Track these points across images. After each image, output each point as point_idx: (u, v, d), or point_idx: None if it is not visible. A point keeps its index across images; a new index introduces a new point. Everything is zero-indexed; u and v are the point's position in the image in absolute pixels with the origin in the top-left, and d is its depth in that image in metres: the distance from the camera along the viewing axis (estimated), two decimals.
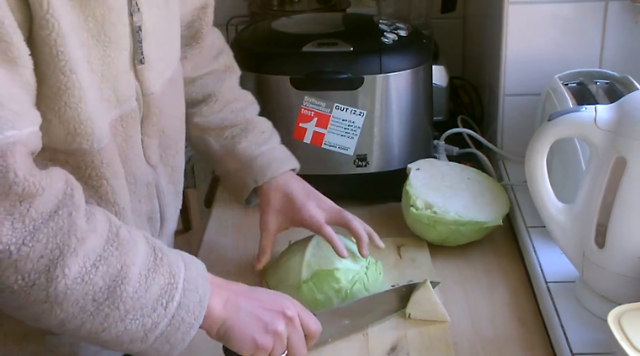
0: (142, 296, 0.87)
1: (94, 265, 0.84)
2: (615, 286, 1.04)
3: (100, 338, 0.88)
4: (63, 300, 0.82)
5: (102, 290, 0.84)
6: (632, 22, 1.40)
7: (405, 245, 1.32)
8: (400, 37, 1.43)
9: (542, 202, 1.10)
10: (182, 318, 0.90)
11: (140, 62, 0.96)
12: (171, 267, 0.90)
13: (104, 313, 0.85)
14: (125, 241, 0.88)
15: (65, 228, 0.82)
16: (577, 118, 1.04)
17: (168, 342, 0.90)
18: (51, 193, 0.82)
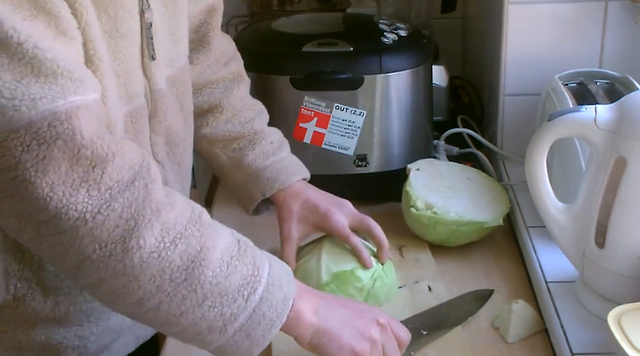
0: (221, 282, 0.85)
1: (172, 242, 0.83)
2: (615, 286, 1.04)
3: (180, 325, 0.86)
4: (140, 273, 0.81)
5: (180, 269, 0.83)
6: (632, 22, 1.40)
7: (406, 245, 1.32)
8: (400, 37, 1.43)
9: (542, 202, 1.10)
10: (264, 314, 0.87)
11: (152, 58, 0.96)
12: (255, 259, 0.89)
13: (181, 295, 0.83)
14: (208, 224, 0.87)
15: (140, 198, 0.82)
16: (577, 118, 1.04)
17: (248, 338, 0.88)
18: (124, 162, 0.82)
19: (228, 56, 1.27)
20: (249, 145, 1.23)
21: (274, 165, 1.22)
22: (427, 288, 1.20)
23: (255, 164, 1.22)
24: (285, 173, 1.21)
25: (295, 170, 1.23)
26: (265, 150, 1.23)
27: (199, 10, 1.21)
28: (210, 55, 1.24)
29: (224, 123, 1.24)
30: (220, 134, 1.23)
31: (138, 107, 0.97)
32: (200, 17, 1.21)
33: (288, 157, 1.25)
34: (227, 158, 1.24)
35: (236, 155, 1.23)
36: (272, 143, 1.24)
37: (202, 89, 1.23)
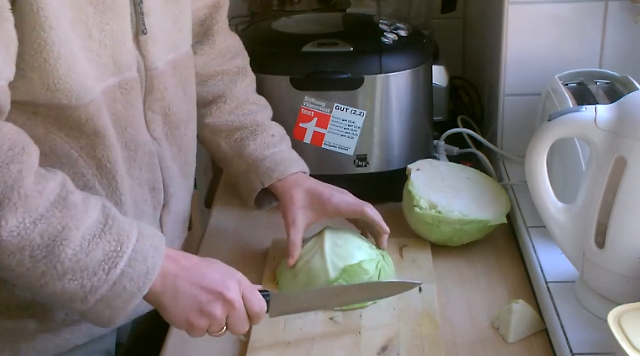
0: (81, 259, 0.89)
1: (33, 223, 0.87)
2: (615, 286, 1.04)
3: (40, 293, 0.92)
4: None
5: (40, 247, 0.88)
6: (632, 22, 1.40)
7: (408, 245, 1.32)
8: (400, 37, 1.43)
9: (542, 201, 1.10)
10: (125, 287, 0.92)
11: (142, 32, 1.01)
12: (120, 235, 0.93)
13: (40, 270, 0.88)
14: (73, 205, 0.90)
15: (10, 182, 0.86)
16: (577, 118, 1.04)
17: (109, 307, 0.93)
18: (3, 143, 0.86)
19: (234, 52, 1.31)
20: (250, 135, 1.26)
21: (273, 155, 1.24)
22: (418, 289, 1.20)
23: (256, 154, 1.25)
24: (284, 164, 1.24)
25: (294, 163, 1.26)
26: (266, 141, 1.26)
27: (204, 4, 1.25)
28: (215, 48, 1.28)
29: (227, 114, 1.27)
30: (223, 124, 1.27)
31: (129, 79, 1.02)
32: (206, 11, 1.26)
33: (288, 150, 1.28)
34: (229, 148, 1.27)
35: (238, 145, 1.26)
36: (274, 136, 1.27)
37: (206, 81, 1.27)
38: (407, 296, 1.18)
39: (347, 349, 1.08)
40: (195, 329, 0.99)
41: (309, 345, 1.09)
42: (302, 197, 1.22)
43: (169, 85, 1.10)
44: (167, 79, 1.10)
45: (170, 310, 0.98)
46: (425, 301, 1.17)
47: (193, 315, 0.98)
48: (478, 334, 1.12)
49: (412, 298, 1.18)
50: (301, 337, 1.11)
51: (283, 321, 1.13)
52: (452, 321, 1.14)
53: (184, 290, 0.97)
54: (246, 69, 1.32)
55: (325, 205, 1.22)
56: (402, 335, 1.10)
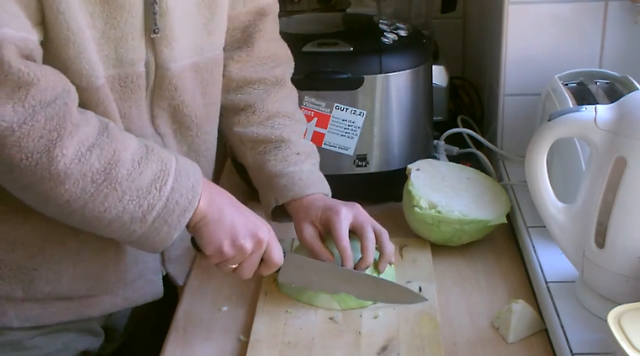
0: (136, 178, 0.97)
1: (88, 150, 0.94)
2: (615, 286, 1.04)
3: (104, 219, 0.98)
4: (65, 178, 0.93)
5: (99, 171, 0.95)
6: (632, 22, 1.40)
7: (408, 245, 1.32)
8: (400, 37, 1.43)
9: (542, 201, 1.10)
10: (177, 201, 1.00)
11: (153, 32, 1.03)
12: (162, 157, 1.01)
13: (103, 193, 0.96)
14: (116, 133, 0.98)
15: (61, 113, 0.93)
16: (577, 118, 1.04)
17: (166, 223, 1.00)
18: (48, 85, 0.92)
19: (276, 61, 1.28)
20: (273, 150, 1.25)
21: (292, 174, 1.22)
22: (418, 289, 1.20)
23: (275, 170, 1.23)
24: (300, 185, 1.21)
25: (312, 184, 1.22)
26: (288, 158, 1.24)
27: (247, 11, 1.24)
28: (253, 55, 1.26)
29: (254, 125, 1.26)
30: (249, 135, 1.26)
31: (131, 74, 1.04)
32: (249, 17, 1.24)
33: (309, 171, 1.24)
34: (252, 159, 1.27)
35: (260, 158, 1.25)
36: (299, 154, 1.24)
37: (242, 87, 1.26)
38: None
39: (347, 349, 1.08)
40: (222, 255, 1.05)
41: (309, 345, 1.09)
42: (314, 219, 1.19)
43: (185, 87, 1.11)
44: (184, 80, 1.10)
45: (209, 232, 1.04)
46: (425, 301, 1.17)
47: (227, 242, 1.05)
48: (478, 334, 1.12)
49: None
50: (301, 337, 1.11)
51: (283, 321, 1.14)
52: (452, 321, 1.14)
53: (228, 218, 1.05)
54: (284, 80, 1.29)
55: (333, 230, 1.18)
56: (402, 335, 1.10)
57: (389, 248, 1.19)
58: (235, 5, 1.20)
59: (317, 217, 1.19)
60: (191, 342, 1.13)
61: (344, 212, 1.17)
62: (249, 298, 1.21)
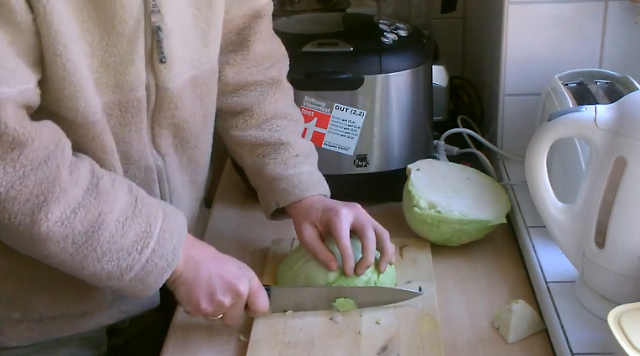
0: (117, 241, 0.97)
1: (73, 212, 0.94)
2: (615, 286, 1.04)
3: (81, 275, 0.99)
4: (45, 239, 0.94)
5: (81, 233, 0.95)
6: (632, 22, 1.40)
7: (408, 245, 1.32)
8: (400, 37, 1.43)
9: (542, 201, 1.10)
10: (156, 264, 1.00)
11: (160, 61, 1.02)
12: (149, 216, 1.00)
13: (82, 254, 0.96)
14: (105, 191, 0.97)
15: (51, 178, 0.92)
16: (577, 118, 1.04)
17: (142, 283, 1.01)
18: (41, 144, 0.92)
19: (271, 61, 1.27)
20: (272, 153, 1.24)
21: (291, 177, 1.22)
22: (418, 288, 1.20)
23: (274, 173, 1.23)
24: (300, 187, 1.21)
25: (312, 186, 1.22)
26: (287, 161, 1.23)
27: (243, 14, 1.22)
28: (248, 58, 1.25)
29: (253, 128, 1.25)
30: (247, 138, 1.25)
31: (131, 99, 1.03)
32: (245, 20, 1.23)
33: (308, 172, 1.24)
34: (251, 162, 1.26)
35: (259, 161, 1.25)
36: (297, 156, 1.24)
37: (238, 90, 1.25)
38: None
39: (347, 349, 1.08)
40: (200, 312, 1.07)
41: (309, 345, 1.09)
42: (314, 220, 1.19)
43: (184, 102, 1.10)
44: (183, 96, 1.09)
45: (186, 290, 1.05)
46: (425, 301, 1.17)
47: (204, 299, 1.05)
48: (478, 334, 1.12)
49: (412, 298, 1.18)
50: (301, 337, 1.11)
51: (283, 321, 1.14)
52: (452, 321, 1.14)
53: (204, 276, 1.05)
54: (281, 80, 1.28)
55: (327, 217, 1.18)
56: (402, 335, 1.10)
57: (389, 248, 1.18)
58: (230, 10, 1.18)
59: (317, 218, 1.18)
60: (191, 342, 1.13)
61: (344, 212, 1.17)
62: None
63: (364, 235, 1.17)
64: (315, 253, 1.18)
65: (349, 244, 1.16)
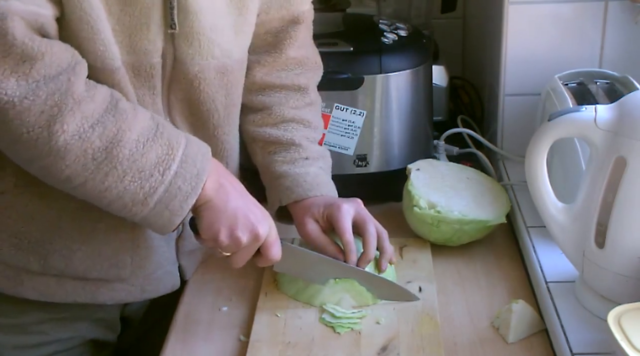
0: (138, 159, 0.97)
1: (91, 127, 0.95)
2: (615, 286, 1.04)
3: (106, 198, 0.99)
4: (65, 154, 0.94)
5: (100, 149, 0.95)
6: (632, 22, 1.40)
7: (408, 245, 1.32)
8: (400, 37, 1.43)
9: (542, 201, 1.10)
10: (179, 187, 1.00)
11: (170, 27, 1.03)
12: (170, 140, 1.00)
13: (103, 172, 0.96)
14: (123, 110, 0.98)
15: (63, 89, 0.93)
16: (577, 118, 1.04)
17: (167, 208, 1.00)
18: (53, 61, 0.93)
19: (303, 68, 1.28)
20: (282, 152, 1.25)
21: (296, 176, 1.22)
22: (418, 289, 1.20)
23: (280, 171, 1.24)
24: (304, 187, 1.21)
25: (315, 187, 1.22)
26: (295, 161, 1.24)
27: (280, 17, 1.23)
28: (280, 61, 1.26)
29: (269, 127, 1.26)
30: (261, 135, 1.26)
31: (144, 64, 1.05)
32: (283, 24, 1.24)
33: (314, 173, 1.24)
34: (262, 159, 1.27)
35: (269, 158, 1.26)
36: (307, 159, 1.25)
37: (263, 90, 1.26)
38: None
39: (347, 349, 1.08)
40: (217, 243, 1.06)
41: (309, 345, 1.09)
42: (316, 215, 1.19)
43: (206, 85, 1.11)
44: (204, 79, 1.10)
45: (210, 217, 1.04)
46: (425, 301, 1.17)
47: (224, 231, 1.05)
48: (478, 334, 1.12)
49: None
50: (301, 337, 1.11)
51: (283, 321, 1.14)
52: (452, 321, 1.14)
53: (231, 208, 1.04)
54: (307, 89, 1.29)
55: (329, 212, 1.18)
56: (402, 335, 1.10)
57: (388, 247, 1.19)
58: (269, 10, 1.21)
59: (319, 213, 1.19)
60: (191, 342, 1.13)
61: (346, 207, 1.18)
62: (249, 298, 1.21)
63: (366, 230, 1.17)
64: (319, 247, 1.18)
65: (352, 238, 1.16)
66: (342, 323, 1.13)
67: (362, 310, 1.15)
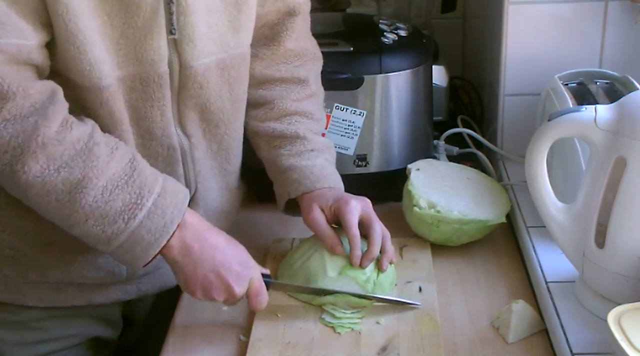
0: (101, 206, 0.98)
1: (56, 170, 0.96)
2: (615, 286, 1.04)
3: (72, 232, 1.01)
4: (28, 191, 0.97)
5: (64, 192, 0.97)
6: (632, 22, 1.40)
7: (408, 245, 1.32)
8: (400, 37, 1.43)
9: (542, 202, 1.10)
10: (142, 237, 1.00)
11: (170, 32, 1.03)
12: (142, 189, 1.01)
13: (65, 213, 0.98)
14: (96, 157, 0.98)
15: (28, 131, 0.94)
16: (577, 118, 1.04)
17: (129, 252, 1.01)
18: (26, 101, 0.94)
19: (301, 60, 1.28)
20: (287, 145, 1.25)
21: (303, 168, 1.22)
22: (418, 289, 1.20)
23: (287, 164, 1.24)
24: (311, 179, 1.21)
25: (323, 179, 1.22)
26: (301, 154, 1.24)
27: (277, 9, 1.24)
28: (278, 54, 1.26)
29: (272, 121, 1.26)
30: (266, 129, 1.26)
31: (152, 74, 1.04)
32: (279, 16, 1.25)
33: (321, 165, 1.24)
34: (267, 153, 1.27)
35: (275, 152, 1.26)
36: (312, 151, 1.25)
37: (263, 84, 1.26)
38: (407, 297, 1.18)
39: (347, 349, 1.08)
40: (195, 298, 1.08)
41: (309, 345, 1.09)
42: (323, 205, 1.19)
43: (211, 84, 1.11)
44: (209, 78, 1.11)
45: (182, 278, 1.06)
46: (425, 301, 1.17)
47: (199, 293, 1.06)
48: (478, 334, 1.12)
49: (412, 298, 1.18)
50: (301, 337, 1.11)
51: (283, 321, 1.14)
52: (452, 321, 1.14)
53: (200, 274, 1.05)
54: (307, 80, 1.28)
55: (336, 205, 1.19)
56: (402, 335, 1.10)
57: (390, 248, 1.19)
58: (265, 3, 1.21)
59: (326, 205, 1.19)
60: (191, 342, 1.13)
61: (353, 203, 1.18)
62: None
63: (372, 227, 1.17)
64: (320, 234, 1.18)
65: (357, 233, 1.16)
66: (342, 323, 1.13)
67: (362, 310, 1.15)
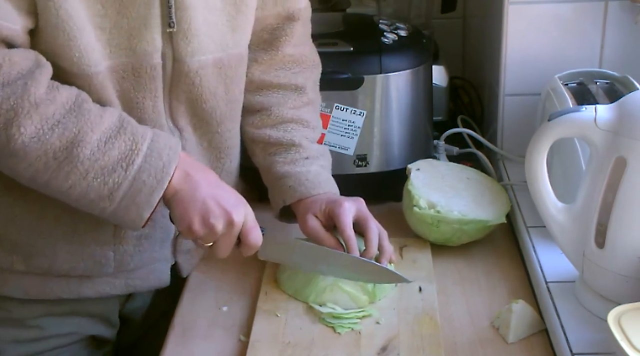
0: (99, 158, 0.99)
1: (51, 128, 0.97)
2: (615, 286, 1.04)
3: (72, 195, 1.00)
4: (25, 155, 0.97)
5: (61, 149, 0.97)
6: (632, 22, 1.40)
7: (408, 245, 1.32)
8: (400, 37, 1.43)
9: (542, 202, 1.10)
10: (144, 181, 1.00)
11: (168, 26, 1.04)
12: (135, 135, 1.01)
13: (65, 171, 0.98)
14: (87, 111, 0.99)
15: (19, 93, 0.95)
16: (577, 118, 1.04)
17: (134, 203, 1.01)
18: (13, 69, 0.96)
19: (300, 67, 1.29)
20: (283, 153, 1.25)
21: (298, 175, 1.23)
22: (418, 289, 1.20)
23: (282, 171, 1.24)
24: (306, 186, 1.22)
25: (318, 185, 1.22)
26: (295, 161, 1.24)
27: (276, 13, 1.24)
28: (276, 59, 1.26)
29: (268, 128, 1.26)
30: (262, 136, 1.26)
31: (145, 65, 1.05)
32: (278, 20, 1.25)
33: (316, 172, 1.24)
34: (262, 160, 1.27)
35: (270, 159, 1.26)
36: (307, 158, 1.25)
37: (261, 89, 1.27)
38: (407, 296, 1.18)
39: (347, 349, 1.08)
40: (192, 233, 1.06)
41: (309, 345, 1.09)
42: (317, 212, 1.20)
43: (206, 82, 1.12)
44: (204, 76, 1.11)
45: (181, 208, 1.05)
46: (425, 301, 1.17)
47: (197, 220, 1.05)
48: (478, 334, 1.12)
49: (412, 298, 1.18)
50: (301, 337, 1.11)
51: (283, 321, 1.14)
52: (452, 321, 1.14)
53: (200, 197, 1.04)
54: (305, 88, 1.28)
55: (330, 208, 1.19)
56: (402, 335, 1.10)
57: (388, 247, 1.19)
58: (265, 6, 1.21)
59: (320, 210, 1.19)
60: (191, 342, 1.13)
61: (347, 204, 1.18)
62: (249, 298, 1.21)
63: (367, 226, 1.17)
64: (319, 240, 1.18)
65: (352, 234, 1.16)
66: (342, 323, 1.13)
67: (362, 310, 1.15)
